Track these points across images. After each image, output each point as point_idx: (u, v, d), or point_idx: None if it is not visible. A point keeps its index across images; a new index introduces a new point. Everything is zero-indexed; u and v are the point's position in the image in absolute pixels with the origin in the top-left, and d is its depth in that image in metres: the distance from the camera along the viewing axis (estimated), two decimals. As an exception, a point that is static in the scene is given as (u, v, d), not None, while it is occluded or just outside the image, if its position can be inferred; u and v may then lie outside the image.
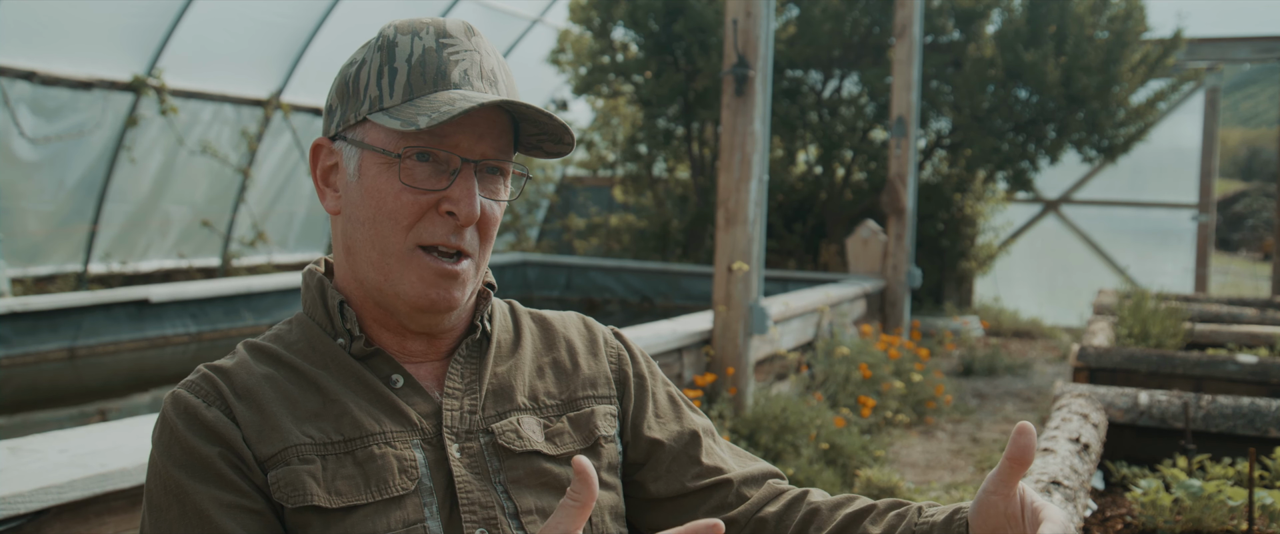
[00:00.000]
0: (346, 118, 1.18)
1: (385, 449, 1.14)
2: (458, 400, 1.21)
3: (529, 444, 1.21)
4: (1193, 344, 5.20)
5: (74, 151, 7.94)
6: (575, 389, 1.30)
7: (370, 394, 1.17)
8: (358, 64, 1.18)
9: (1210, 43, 10.87)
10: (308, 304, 1.24)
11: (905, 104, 8.38)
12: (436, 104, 1.11)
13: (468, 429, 1.19)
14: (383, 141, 1.15)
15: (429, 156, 1.14)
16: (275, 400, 1.14)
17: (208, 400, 1.12)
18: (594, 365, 1.33)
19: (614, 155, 12.41)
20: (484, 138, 1.16)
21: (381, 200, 1.14)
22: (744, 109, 5.12)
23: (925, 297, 10.73)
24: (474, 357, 1.25)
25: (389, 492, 1.12)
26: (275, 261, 9.84)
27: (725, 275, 5.17)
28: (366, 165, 1.16)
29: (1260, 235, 21.13)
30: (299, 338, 1.21)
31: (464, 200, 1.14)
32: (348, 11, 9.10)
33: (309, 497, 1.09)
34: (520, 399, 1.25)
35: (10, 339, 5.89)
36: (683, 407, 1.38)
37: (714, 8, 9.89)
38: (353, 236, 1.18)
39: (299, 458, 1.11)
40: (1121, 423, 3.11)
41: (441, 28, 1.18)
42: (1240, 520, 2.31)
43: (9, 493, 2.17)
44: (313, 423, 1.14)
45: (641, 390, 1.35)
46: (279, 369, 1.17)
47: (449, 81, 1.15)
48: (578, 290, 9.76)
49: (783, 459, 4.76)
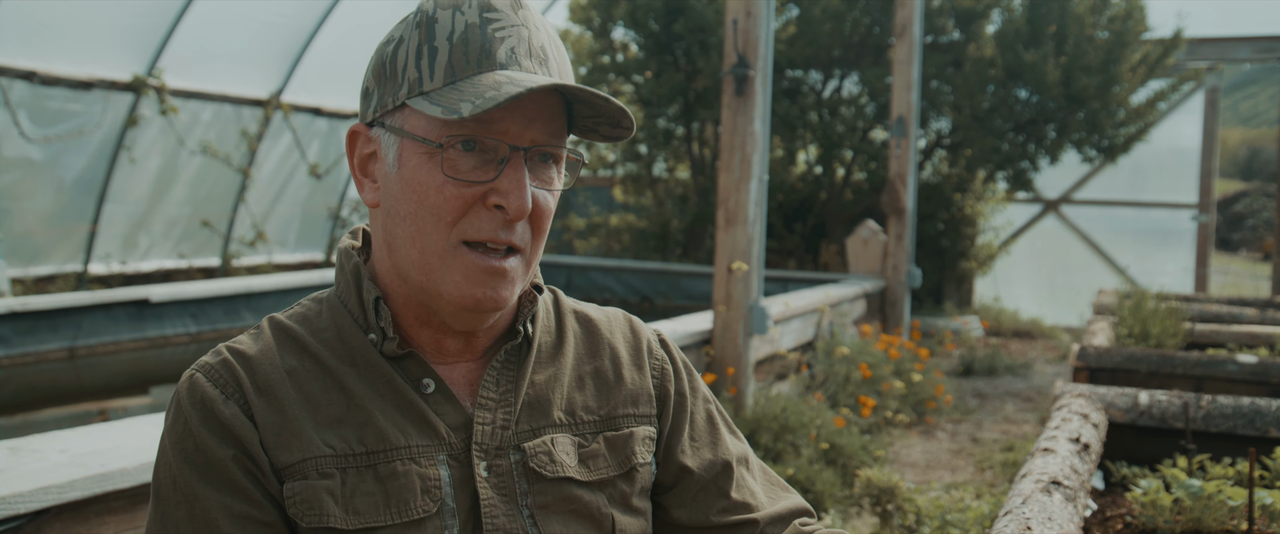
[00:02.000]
0: (384, 102, 1.08)
1: (409, 466, 1.08)
2: (490, 413, 1.13)
3: (562, 469, 1.15)
4: (1193, 344, 5.20)
5: (74, 152, 7.94)
6: (615, 405, 1.22)
7: (398, 400, 1.11)
8: (395, 42, 1.09)
9: (1210, 43, 10.87)
10: (341, 288, 1.16)
11: (905, 104, 8.38)
12: (481, 88, 1.02)
13: (498, 445, 1.13)
14: (424, 129, 1.05)
15: (475, 145, 1.05)
16: (297, 402, 1.07)
17: (227, 393, 1.06)
18: (638, 379, 1.25)
19: (614, 155, 12.41)
20: (534, 122, 1.06)
21: (423, 194, 1.05)
22: (744, 109, 5.12)
23: (925, 297, 10.74)
24: (511, 363, 1.17)
25: (410, 513, 1.06)
26: (275, 262, 9.84)
27: (725, 275, 5.17)
28: (407, 155, 1.07)
29: (1260, 235, 21.14)
30: (328, 325, 1.13)
31: (513, 192, 1.05)
32: (348, 11, 9.10)
33: (325, 517, 1.04)
34: (557, 414, 1.17)
35: (10, 339, 5.89)
36: (721, 430, 1.31)
37: (714, 8, 9.89)
38: (393, 232, 1.09)
39: (318, 472, 1.05)
40: (1121, 423, 3.12)
41: (485, 1, 1.08)
42: (1240, 520, 2.31)
43: (9, 493, 2.17)
44: (334, 430, 1.07)
45: (681, 410, 1.28)
46: (304, 360, 1.10)
47: (495, 61, 1.05)
48: (578, 290, 9.76)
49: (783, 459, 4.76)
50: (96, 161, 8.14)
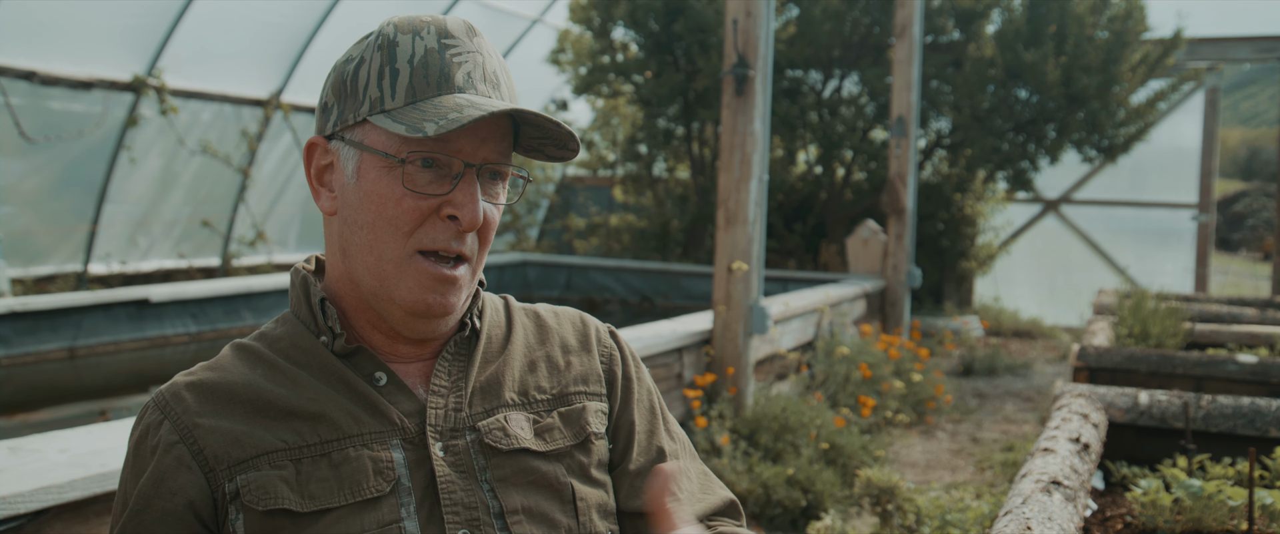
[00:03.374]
0: (345, 118, 1.16)
1: (361, 451, 1.13)
2: (443, 398, 1.19)
3: (516, 442, 1.20)
4: (1193, 344, 5.20)
5: (74, 152, 7.94)
6: (567, 384, 1.28)
7: (350, 393, 1.16)
8: (356, 62, 1.16)
9: (1210, 43, 10.87)
10: (294, 302, 1.23)
11: (905, 104, 8.38)
12: (443, 110, 1.10)
13: (453, 427, 1.18)
14: (384, 144, 1.13)
15: (432, 161, 1.13)
16: (250, 411, 1.13)
17: (182, 430, 1.12)
18: (587, 361, 1.32)
19: (614, 155, 12.41)
20: (486, 142, 1.14)
21: (382, 205, 1.13)
22: (744, 109, 5.12)
23: (925, 296, 10.74)
24: (462, 354, 1.24)
25: (363, 493, 1.11)
26: (275, 261, 9.84)
27: (725, 275, 5.17)
28: (366, 168, 1.14)
29: (1260, 235, 21.14)
30: (283, 335, 1.20)
31: (467, 205, 1.13)
32: (348, 11, 9.10)
33: (279, 500, 1.09)
34: (509, 395, 1.23)
35: (10, 339, 5.89)
36: (659, 421, 1.36)
37: (714, 8, 9.89)
38: (349, 239, 1.16)
39: (270, 464, 1.11)
40: (1121, 423, 3.11)
41: (443, 27, 1.16)
42: (1240, 520, 2.31)
43: (9, 493, 2.17)
44: (287, 425, 1.13)
45: (628, 391, 1.34)
46: (258, 369, 1.17)
47: (453, 85, 1.13)
48: (578, 290, 9.76)
49: (783, 459, 4.76)
50: (96, 162, 8.14)
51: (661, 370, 4.88)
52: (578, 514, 1.20)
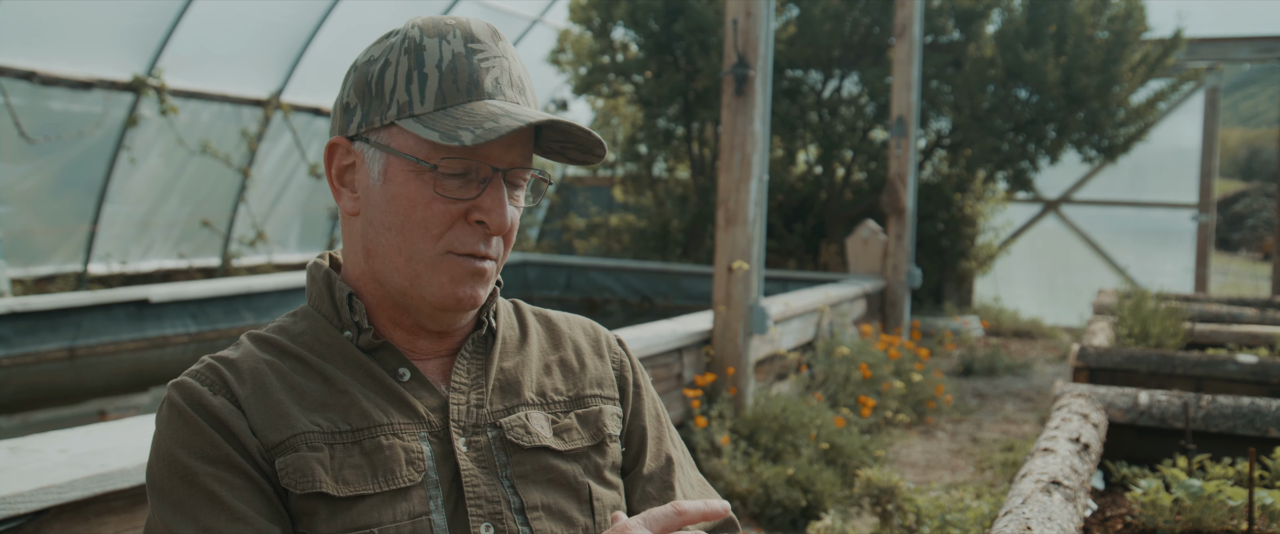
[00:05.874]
0: (370, 120, 1.16)
1: (392, 440, 1.14)
2: (464, 395, 1.21)
3: (537, 440, 1.21)
4: (1193, 344, 5.20)
5: (74, 152, 7.94)
6: (582, 387, 1.30)
7: (377, 386, 1.17)
8: (380, 64, 1.16)
9: (1210, 43, 10.87)
10: (313, 297, 1.23)
11: (905, 104, 8.38)
12: (476, 118, 1.11)
13: (475, 423, 1.19)
14: (413, 149, 1.13)
15: (461, 166, 1.14)
16: (281, 389, 1.13)
17: (213, 389, 1.12)
18: (600, 366, 1.34)
19: (614, 155, 12.41)
20: (512, 147, 1.16)
21: (411, 208, 1.14)
22: (744, 109, 5.12)
23: (925, 297, 10.74)
24: (480, 352, 1.25)
25: (396, 482, 1.12)
26: (275, 261, 9.84)
27: (725, 275, 5.17)
28: (393, 171, 1.15)
29: (1260, 235, 21.14)
30: (304, 330, 1.21)
31: (495, 210, 1.14)
32: (348, 11, 9.10)
33: (317, 483, 1.09)
34: (528, 394, 1.25)
35: (10, 339, 5.89)
36: (665, 430, 1.38)
37: (714, 8, 9.89)
38: (375, 240, 1.17)
39: (307, 445, 1.10)
40: (1121, 423, 3.11)
41: (468, 31, 1.17)
42: (1240, 520, 2.31)
43: (9, 493, 2.17)
44: (320, 412, 1.13)
45: (638, 399, 1.36)
46: (284, 359, 1.17)
47: (482, 91, 1.14)
48: (578, 290, 9.76)
49: (783, 459, 4.76)
50: (96, 162, 8.14)
51: (661, 370, 4.88)
52: (594, 514, 1.22)
